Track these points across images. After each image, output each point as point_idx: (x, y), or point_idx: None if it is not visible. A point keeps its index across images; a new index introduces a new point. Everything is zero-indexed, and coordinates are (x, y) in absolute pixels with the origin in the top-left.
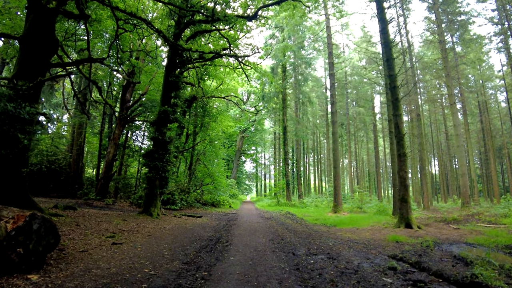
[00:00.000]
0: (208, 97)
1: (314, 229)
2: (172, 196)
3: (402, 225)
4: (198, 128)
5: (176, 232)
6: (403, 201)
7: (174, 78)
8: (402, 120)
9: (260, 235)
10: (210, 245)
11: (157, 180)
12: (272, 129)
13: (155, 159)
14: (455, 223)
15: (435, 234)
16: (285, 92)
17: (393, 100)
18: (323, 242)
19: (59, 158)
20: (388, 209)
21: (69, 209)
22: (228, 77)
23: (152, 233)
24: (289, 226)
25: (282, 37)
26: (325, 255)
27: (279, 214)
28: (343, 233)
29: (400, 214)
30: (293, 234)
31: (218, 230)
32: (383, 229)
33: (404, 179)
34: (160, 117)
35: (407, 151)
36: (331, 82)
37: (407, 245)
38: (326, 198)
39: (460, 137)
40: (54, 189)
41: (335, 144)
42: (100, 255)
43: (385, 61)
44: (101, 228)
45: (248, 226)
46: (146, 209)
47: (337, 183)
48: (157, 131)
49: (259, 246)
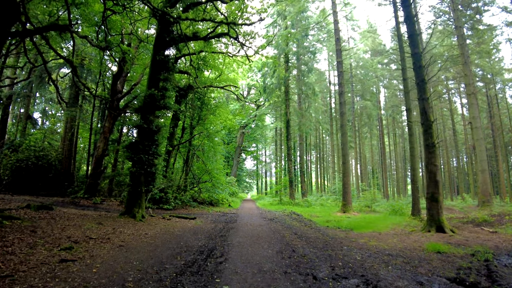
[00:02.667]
0: (205, 87)
1: (329, 234)
2: (165, 194)
3: (432, 229)
4: (195, 121)
5: (158, 241)
6: (433, 200)
7: (163, 57)
8: (430, 105)
9: (264, 245)
10: (199, 261)
11: (142, 176)
12: (273, 125)
13: (139, 152)
14: (487, 225)
15: (476, 241)
16: (288, 84)
17: (418, 81)
18: (348, 255)
19: (48, 153)
20: (403, 209)
21: (44, 210)
22: (228, 69)
23: (126, 242)
24: (298, 230)
25: (284, 24)
26: (358, 279)
27: (283, 215)
28: (366, 240)
29: (429, 215)
30: (305, 242)
31: (212, 236)
32: (411, 234)
33: (434, 174)
34: (146, 102)
35: (436, 141)
36: (339, 71)
37: (456, 257)
38: (331, 197)
39: (479, 130)
40: (43, 186)
41: (343, 137)
42: (27, 284)
43: (408, 37)
44: (63, 236)
45: (249, 231)
46: (128, 210)
47: (347, 180)
48: (142, 119)
49: (265, 262)
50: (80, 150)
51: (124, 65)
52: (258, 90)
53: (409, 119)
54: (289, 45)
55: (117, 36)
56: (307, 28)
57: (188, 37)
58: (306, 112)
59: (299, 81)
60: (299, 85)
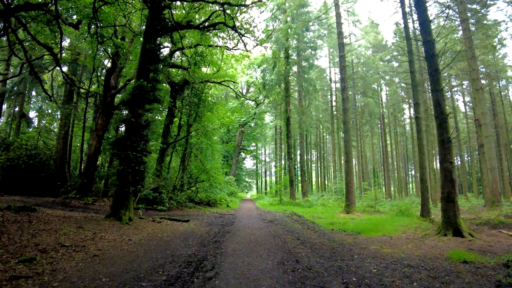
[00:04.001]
0: (202, 82)
1: (335, 239)
2: (159, 194)
3: (449, 233)
4: (192, 118)
5: (141, 249)
6: (449, 200)
7: (153, 46)
8: (444, 97)
9: (263, 253)
10: (184, 276)
11: (129, 175)
12: (272, 123)
13: (126, 148)
14: (504, 227)
15: (500, 246)
16: (288, 80)
17: (431, 71)
18: (361, 267)
19: (40, 152)
20: (410, 209)
21: (25, 211)
22: (226, 65)
23: (103, 251)
24: (301, 234)
25: (284, 18)
26: None
27: (284, 216)
28: (377, 246)
29: (445, 217)
30: (310, 249)
31: (205, 242)
32: (425, 238)
33: (450, 172)
34: (134, 94)
35: (452, 136)
36: (341, 65)
37: (488, 269)
38: (332, 196)
39: (488, 126)
40: (36, 186)
41: (346, 135)
42: None
43: (420, 24)
44: (30, 243)
45: (246, 235)
46: (114, 212)
47: (350, 179)
48: (130, 113)
49: (263, 278)
50: (76, 149)
51: (117, 60)
52: (257, 88)
53: (417, 113)
54: (289, 41)
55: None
56: (308, 21)
57: (181, 25)
58: (307, 109)
59: (300, 77)
60: (300, 81)
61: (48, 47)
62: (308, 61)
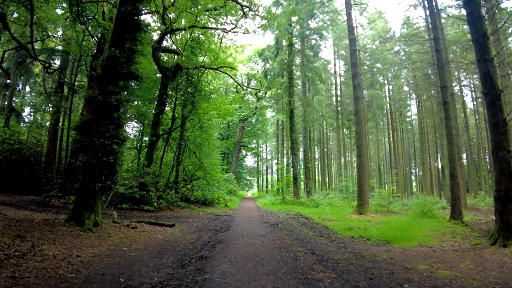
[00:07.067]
0: (196, 67)
1: (363, 253)
2: (147, 193)
3: (509, 242)
4: (187, 109)
5: (82, 274)
6: (506, 200)
7: (130, 8)
8: (495, 69)
9: (266, 280)
10: None
11: (95, 168)
12: (274, 118)
13: (92, 134)
14: None
15: None
16: (291, 70)
17: (477, 37)
18: None
19: (23, 147)
20: (433, 209)
21: None
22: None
23: (19, 278)
24: (315, 246)
25: (288, 2)
26: None
27: (289, 217)
28: (427, 265)
29: (502, 222)
30: (333, 271)
31: (185, 260)
32: (480, 250)
33: (508, 163)
34: (104, 66)
35: (508, 118)
36: (352, 49)
37: None
38: (337, 195)
39: None
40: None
41: (358, 126)
42: None
43: None
44: None
45: (243, 247)
46: (76, 214)
47: (363, 175)
48: (98, 89)
49: None
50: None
51: (104, 44)
52: (258, 81)
53: (445, 98)
54: (292, 26)
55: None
56: (313, 3)
57: None
58: (312, 101)
59: (304, 67)
60: (304, 71)
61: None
62: (312, 49)
